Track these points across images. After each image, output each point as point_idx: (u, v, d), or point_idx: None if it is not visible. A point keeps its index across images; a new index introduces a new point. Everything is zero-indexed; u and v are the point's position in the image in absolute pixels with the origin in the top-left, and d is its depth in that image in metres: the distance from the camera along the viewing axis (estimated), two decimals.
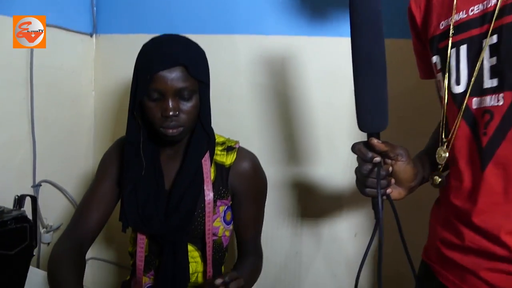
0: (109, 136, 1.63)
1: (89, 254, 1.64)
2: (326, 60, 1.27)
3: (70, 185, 1.58)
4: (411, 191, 0.79)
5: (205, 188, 0.96)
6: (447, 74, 0.75)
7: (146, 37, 1.01)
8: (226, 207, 1.02)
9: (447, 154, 0.76)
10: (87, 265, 1.65)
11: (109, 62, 1.62)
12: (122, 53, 1.56)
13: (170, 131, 0.89)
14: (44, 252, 1.49)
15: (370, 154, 0.69)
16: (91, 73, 1.65)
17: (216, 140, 1.03)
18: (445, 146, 0.76)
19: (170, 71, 0.86)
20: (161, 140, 0.96)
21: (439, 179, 0.78)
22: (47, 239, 1.47)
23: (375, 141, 0.69)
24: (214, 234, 1.00)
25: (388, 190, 0.70)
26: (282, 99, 1.33)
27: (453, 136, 0.74)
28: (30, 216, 0.81)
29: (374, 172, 0.68)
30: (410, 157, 0.74)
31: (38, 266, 1.47)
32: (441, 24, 0.77)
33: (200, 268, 1.02)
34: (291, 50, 1.30)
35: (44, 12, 1.40)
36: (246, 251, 1.07)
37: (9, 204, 1.00)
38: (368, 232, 1.27)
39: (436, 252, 0.80)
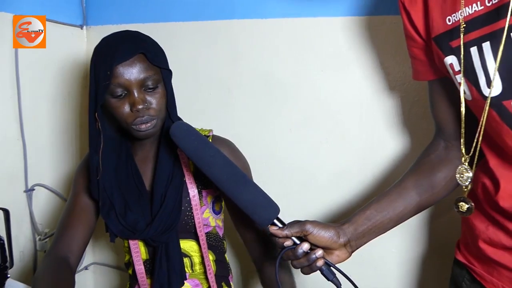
0: None
1: (90, 259, 1.61)
2: (332, 42, 1.15)
3: (66, 188, 1.49)
4: (357, 246, 0.77)
5: (186, 180, 0.94)
6: (462, 77, 0.65)
7: (139, 27, 0.96)
8: (213, 197, 0.99)
9: (471, 174, 0.68)
10: (88, 271, 1.61)
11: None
12: None
13: (144, 126, 0.86)
14: (41, 260, 1.42)
15: (280, 242, 0.73)
16: (83, 67, 1.55)
17: None
18: (467, 164, 0.68)
19: (131, 62, 0.83)
20: (133, 139, 0.95)
21: (467, 206, 0.69)
22: (43, 246, 1.40)
23: (273, 229, 0.73)
24: (207, 226, 0.98)
25: (319, 263, 0.71)
26: (287, 88, 1.22)
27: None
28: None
29: (290, 254, 0.73)
30: (319, 224, 0.73)
31: None
32: (447, 20, 0.66)
33: (201, 259, 1.00)
34: (294, 33, 1.19)
35: (30, 3, 1.32)
36: (259, 253, 0.98)
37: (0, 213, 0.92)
38: None
39: (478, 254, 0.72)
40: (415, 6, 0.72)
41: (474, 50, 0.62)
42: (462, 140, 0.69)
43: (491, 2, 0.59)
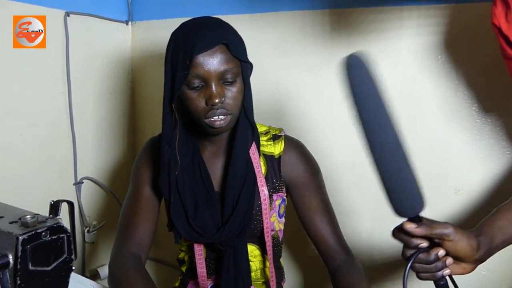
0: (149, 129, 1.56)
1: None
2: (385, 32, 1.10)
3: (112, 182, 1.52)
4: (483, 259, 0.67)
5: (258, 184, 0.87)
6: None
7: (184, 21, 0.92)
8: (281, 200, 0.94)
9: None
10: None
11: (146, 50, 1.54)
12: (159, 40, 1.47)
13: (218, 122, 0.80)
14: (88, 251, 1.45)
15: (414, 242, 0.63)
16: (128, 63, 1.57)
17: (259, 130, 0.94)
18: None
19: (211, 53, 0.77)
20: (202, 135, 0.88)
21: None
22: (90, 238, 1.42)
23: (411, 227, 0.61)
24: (271, 230, 0.93)
25: (446, 272, 0.63)
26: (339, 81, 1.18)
27: None
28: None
29: (422, 257, 0.63)
30: (461, 231, 0.63)
31: (83, 267, 1.42)
32: None
33: (261, 265, 0.96)
34: (344, 24, 1.15)
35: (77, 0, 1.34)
36: (334, 257, 0.91)
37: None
38: None
39: None
40: None
41: None
42: None
43: None
